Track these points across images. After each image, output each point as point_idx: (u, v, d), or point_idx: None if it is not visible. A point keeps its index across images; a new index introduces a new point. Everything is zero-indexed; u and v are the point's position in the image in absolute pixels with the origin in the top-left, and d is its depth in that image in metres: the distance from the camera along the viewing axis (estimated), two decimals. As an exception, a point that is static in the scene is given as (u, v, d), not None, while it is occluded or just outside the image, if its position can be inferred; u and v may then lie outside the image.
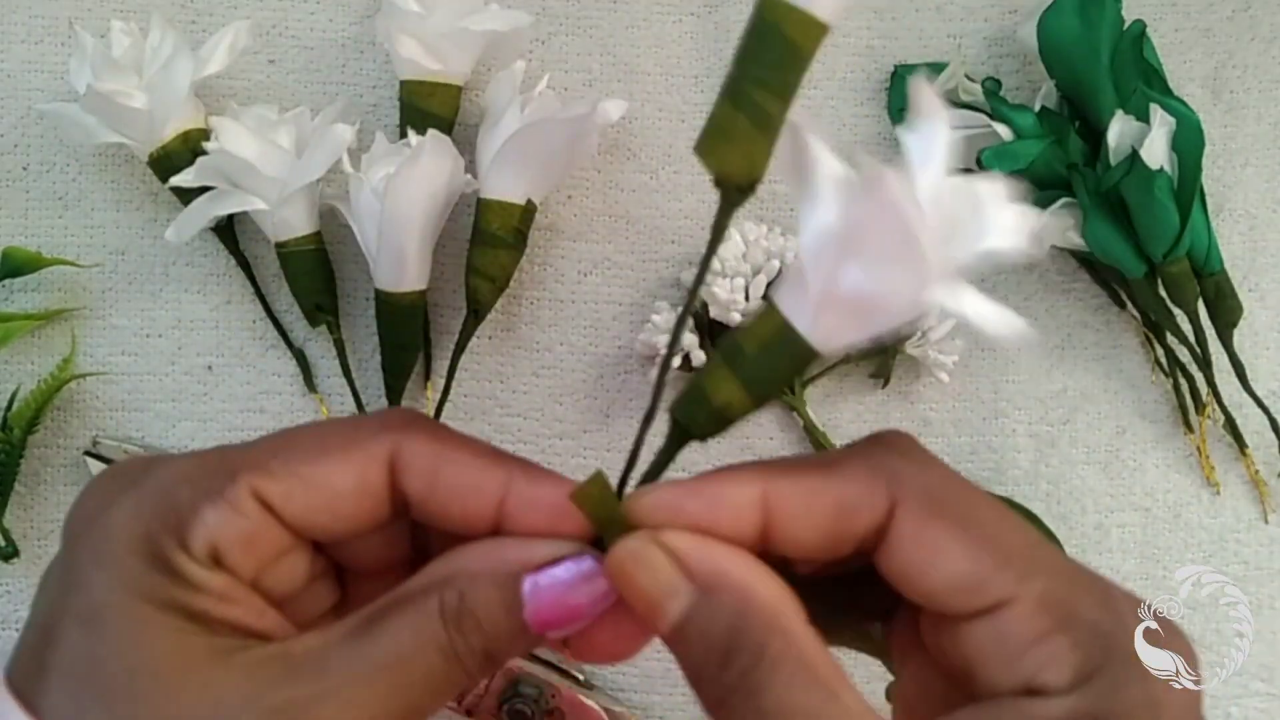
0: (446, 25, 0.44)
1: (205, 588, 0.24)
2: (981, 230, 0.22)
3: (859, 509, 0.25)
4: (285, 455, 0.25)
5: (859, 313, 0.23)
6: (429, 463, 0.26)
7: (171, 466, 0.25)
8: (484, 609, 0.25)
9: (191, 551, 0.24)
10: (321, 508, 0.25)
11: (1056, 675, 0.22)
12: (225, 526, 0.24)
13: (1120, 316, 0.50)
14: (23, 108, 0.47)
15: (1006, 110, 0.45)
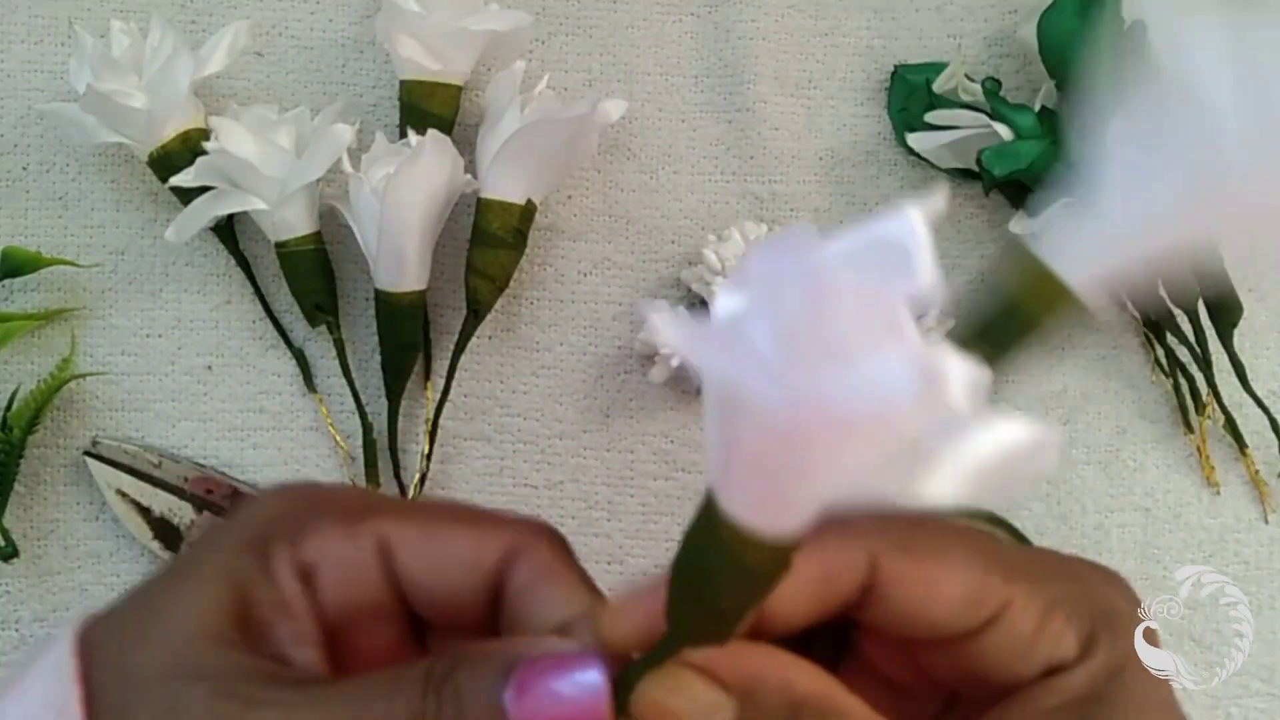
0: (446, 25, 0.44)
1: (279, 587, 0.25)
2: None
3: (842, 571, 0.25)
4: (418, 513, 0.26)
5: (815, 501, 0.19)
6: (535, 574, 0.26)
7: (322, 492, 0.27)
8: (467, 682, 0.23)
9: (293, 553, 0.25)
10: (433, 565, 0.26)
11: (1067, 650, 0.25)
12: (335, 551, 0.25)
13: (1120, 316, 0.50)
14: (23, 108, 0.47)
15: (1006, 110, 0.45)
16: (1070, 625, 0.25)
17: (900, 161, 0.49)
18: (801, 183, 0.49)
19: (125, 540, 0.47)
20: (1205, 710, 0.50)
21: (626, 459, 0.49)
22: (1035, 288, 0.22)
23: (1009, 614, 0.25)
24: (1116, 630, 0.25)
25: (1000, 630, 0.25)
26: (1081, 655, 0.25)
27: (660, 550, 0.49)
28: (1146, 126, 0.19)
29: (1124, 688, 0.24)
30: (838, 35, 0.49)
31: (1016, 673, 0.25)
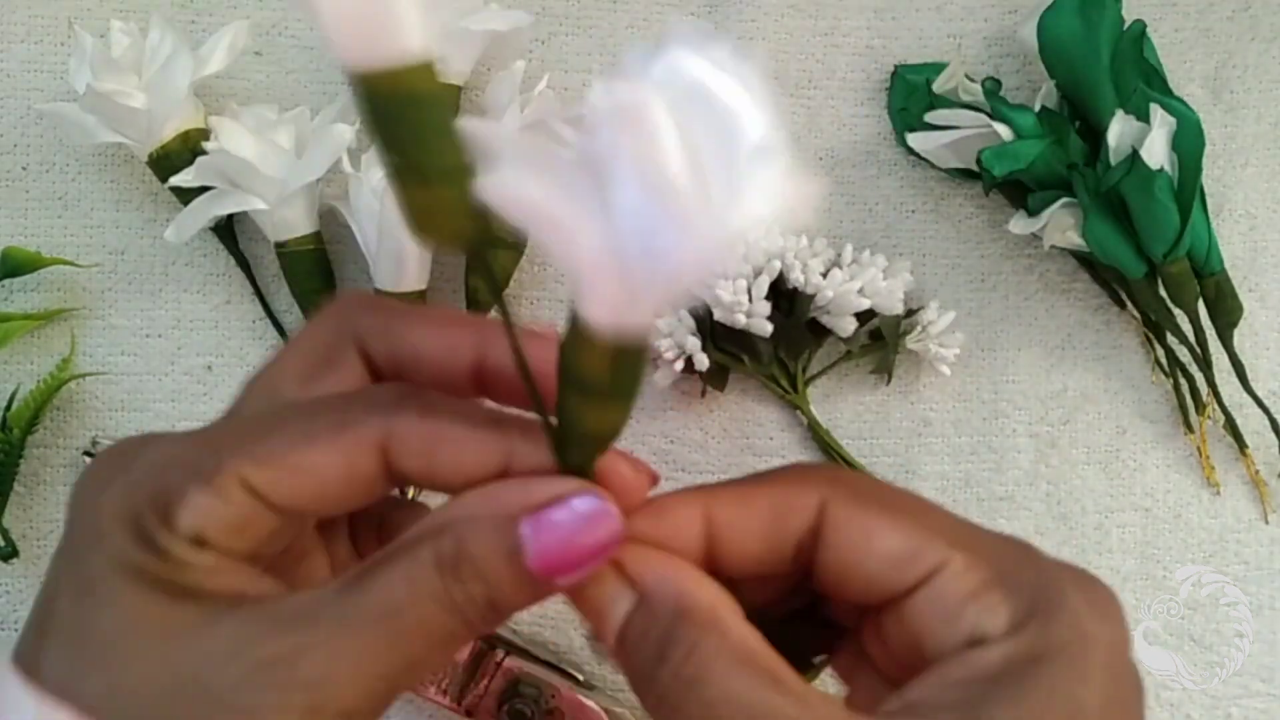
0: (446, 25, 0.44)
1: (191, 564, 0.24)
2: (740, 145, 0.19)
3: (792, 509, 0.25)
4: (272, 441, 0.24)
5: (673, 285, 0.20)
6: (424, 443, 0.25)
7: (161, 448, 0.25)
8: (483, 556, 0.24)
9: (177, 533, 0.24)
10: (309, 494, 0.25)
11: (994, 623, 0.24)
12: (211, 513, 0.24)
13: (1120, 316, 0.50)
14: (22, 107, 0.47)
15: (1006, 110, 0.45)
16: (1005, 602, 0.24)
17: (900, 161, 0.49)
18: (801, 183, 0.49)
19: (125, 540, 0.47)
20: (1205, 710, 0.50)
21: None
22: (581, 350, 0.22)
23: (942, 576, 0.24)
24: (1051, 618, 0.24)
25: (930, 592, 0.24)
26: (1009, 632, 0.24)
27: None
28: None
29: (1038, 677, 0.23)
30: (838, 35, 0.49)
31: (941, 639, 0.24)
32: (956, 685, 0.23)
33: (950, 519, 0.26)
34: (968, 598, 0.24)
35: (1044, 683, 0.23)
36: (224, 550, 0.24)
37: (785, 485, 0.26)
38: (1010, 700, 0.23)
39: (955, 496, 0.49)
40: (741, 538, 0.26)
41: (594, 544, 0.24)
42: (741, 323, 0.45)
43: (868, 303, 0.45)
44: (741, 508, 0.26)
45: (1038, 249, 0.49)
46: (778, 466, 0.27)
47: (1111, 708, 0.23)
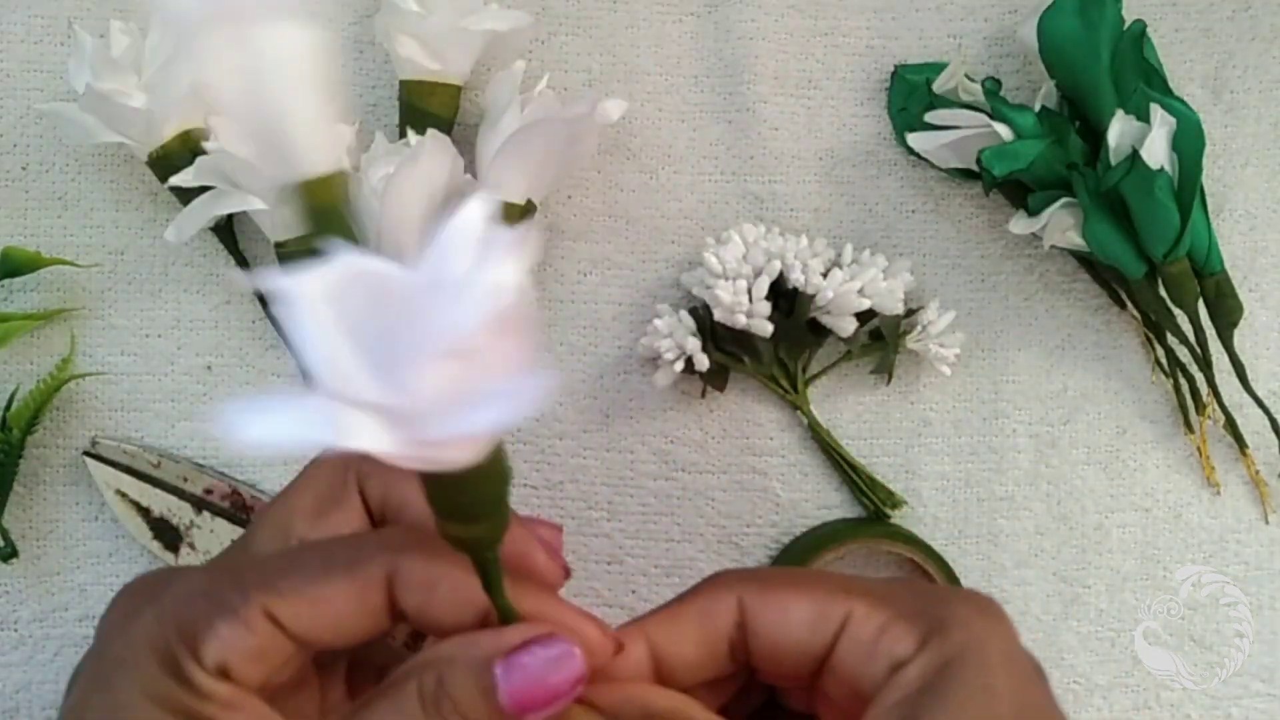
0: (446, 25, 0.44)
1: (213, 696, 0.26)
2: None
3: (717, 612, 0.29)
4: (294, 576, 0.27)
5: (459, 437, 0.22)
6: (424, 581, 0.28)
7: (190, 581, 0.28)
8: (461, 693, 0.26)
9: (203, 663, 0.26)
10: (326, 625, 0.27)
11: (905, 648, 0.27)
12: (237, 642, 0.26)
13: (1120, 316, 0.50)
14: (22, 107, 0.47)
15: (1006, 110, 0.45)
16: (909, 629, 0.28)
17: (900, 161, 0.49)
18: (801, 183, 0.49)
19: (124, 540, 0.47)
20: (1205, 710, 0.50)
21: (626, 459, 0.49)
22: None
23: (852, 623, 0.28)
24: (946, 630, 0.27)
25: (847, 639, 0.28)
26: (918, 650, 0.27)
27: (660, 550, 0.49)
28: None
29: (951, 677, 0.26)
30: (838, 35, 0.49)
31: (870, 676, 0.28)
32: (892, 708, 0.27)
33: (845, 578, 0.30)
34: (878, 635, 0.28)
35: (959, 682, 0.26)
36: (242, 679, 0.27)
37: (706, 594, 0.30)
38: (938, 706, 0.26)
39: (955, 496, 0.49)
40: (679, 650, 0.29)
41: (560, 683, 0.27)
42: (742, 323, 0.45)
43: (868, 303, 0.45)
44: (672, 624, 0.29)
45: (1038, 249, 0.49)
46: (698, 583, 0.30)
47: (1019, 688, 0.27)
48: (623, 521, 0.49)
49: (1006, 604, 0.49)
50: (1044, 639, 0.49)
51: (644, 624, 0.29)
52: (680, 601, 0.30)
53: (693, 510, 0.49)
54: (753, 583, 0.29)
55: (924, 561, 0.47)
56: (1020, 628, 0.49)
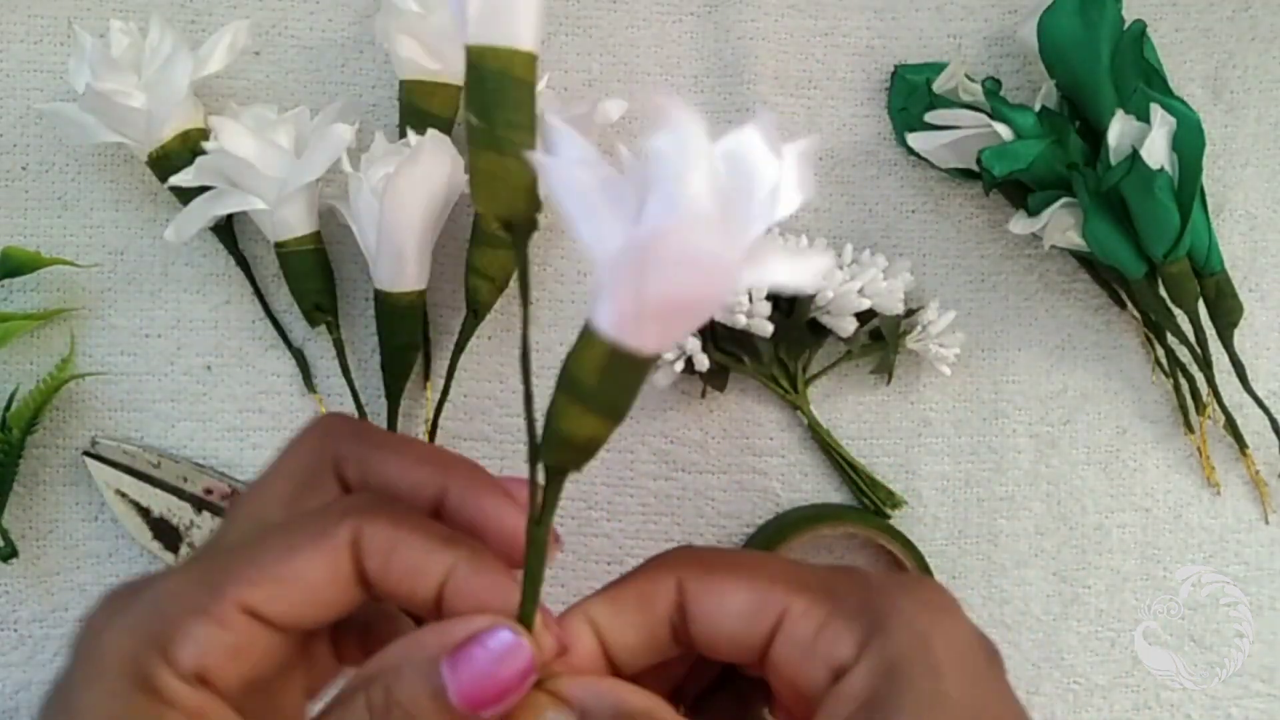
0: (446, 25, 0.44)
1: (179, 704, 0.25)
2: (762, 200, 0.22)
3: (656, 594, 0.28)
4: (261, 560, 0.26)
5: (678, 313, 0.24)
6: (385, 545, 0.27)
7: (160, 586, 0.26)
8: (410, 699, 0.25)
9: (179, 668, 0.25)
10: (303, 602, 0.26)
11: (844, 651, 0.26)
12: (212, 642, 0.25)
13: (1120, 316, 0.50)
14: (22, 107, 0.47)
15: (1007, 110, 0.45)
16: (848, 628, 0.26)
17: (900, 161, 0.49)
18: (801, 183, 0.49)
19: (124, 540, 0.47)
20: (1205, 710, 0.50)
21: (626, 459, 0.48)
22: (581, 349, 0.25)
23: (789, 620, 0.27)
24: (889, 630, 0.26)
25: (784, 636, 0.27)
26: (859, 654, 0.26)
27: (660, 550, 0.49)
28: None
29: (898, 686, 0.25)
30: (838, 35, 0.49)
31: (810, 678, 0.26)
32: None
33: (786, 565, 0.29)
34: (816, 634, 0.27)
35: (908, 693, 0.25)
36: (221, 684, 0.26)
37: (646, 575, 0.29)
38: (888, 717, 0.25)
39: (955, 496, 0.49)
40: (621, 634, 0.28)
41: (511, 675, 0.26)
42: (742, 323, 0.45)
43: (868, 303, 0.45)
44: (613, 606, 0.28)
45: (1038, 249, 0.49)
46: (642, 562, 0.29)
47: (971, 688, 0.26)
48: (623, 521, 0.49)
49: (1006, 604, 0.49)
50: (1044, 639, 0.49)
51: (584, 607, 0.28)
52: (620, 583, 0.29)
53: (693, 510, 0.49)
54: (695, 565, 0.29)
55: (891, 545, 0.47)
56: (1020, 628, 0.49)
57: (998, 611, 0.49)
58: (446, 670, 0.25)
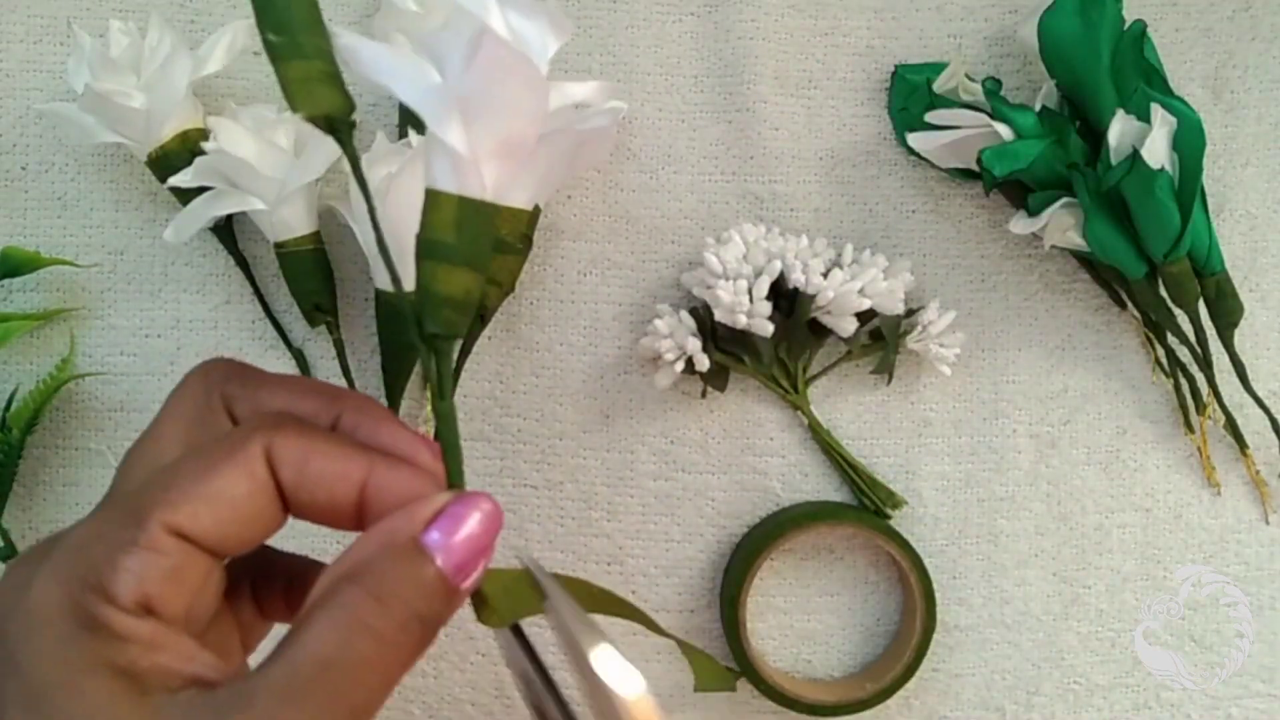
0: (446, 25, 0.44)
1: (133, 637, 0.24)
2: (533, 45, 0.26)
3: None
4: (181, 481, 0.26)
5: (511, 151, 0.26)
6: (297, 454, 0.27)
7: (78, 530, 0.26)
8: (399, 579, 0.26)
9: (120, 603, 0.24)
10: (229, 518, 0.26)
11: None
12: (150, 569, 0.25)
13: (1121, 317, 0.50)
14: (21, 107, 0.47)
15: (1007, 110, 0.45)
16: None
17: (900, 161, 0.49)
18: (801, 183, 0.49)
19: (124, 541, 0.47)
20: (1205, 710, 0.50)
21: (626, 459, 0.48)
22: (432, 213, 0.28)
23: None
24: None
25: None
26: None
27: (660, 550, 0.49)
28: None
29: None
30: (838, 35, 0.49)
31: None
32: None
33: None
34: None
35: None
36: (166, 612, 0.25)
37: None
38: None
39: (955, 497, 0.49)
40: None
41: (492, 537, 0.27)
42: (742, 323, 0.45)
43: (868, 303, 0.45)
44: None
45: (1038, 249, 0.49)
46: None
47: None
48: (622, 521, 0.49)
49: (1006, 604, 0.49)
50: (1044, 639, 0.49)
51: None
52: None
53: (693, 510, 0.49)
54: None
55: (889, 546, 0.47)
56: (1020, 628, 0.49)
57: (998, 611, 0.49)
58: (431, 543, 0.26)
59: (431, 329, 0.27)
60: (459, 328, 0.27)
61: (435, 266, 0.27)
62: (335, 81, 0.26)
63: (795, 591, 0.49)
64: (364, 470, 0.27)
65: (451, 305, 0.27)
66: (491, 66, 0.25)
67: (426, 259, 0.27)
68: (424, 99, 0.25)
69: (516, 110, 0.26)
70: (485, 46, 0.25)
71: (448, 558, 0.26)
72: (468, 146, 0.26)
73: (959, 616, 0.49)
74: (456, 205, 0.26)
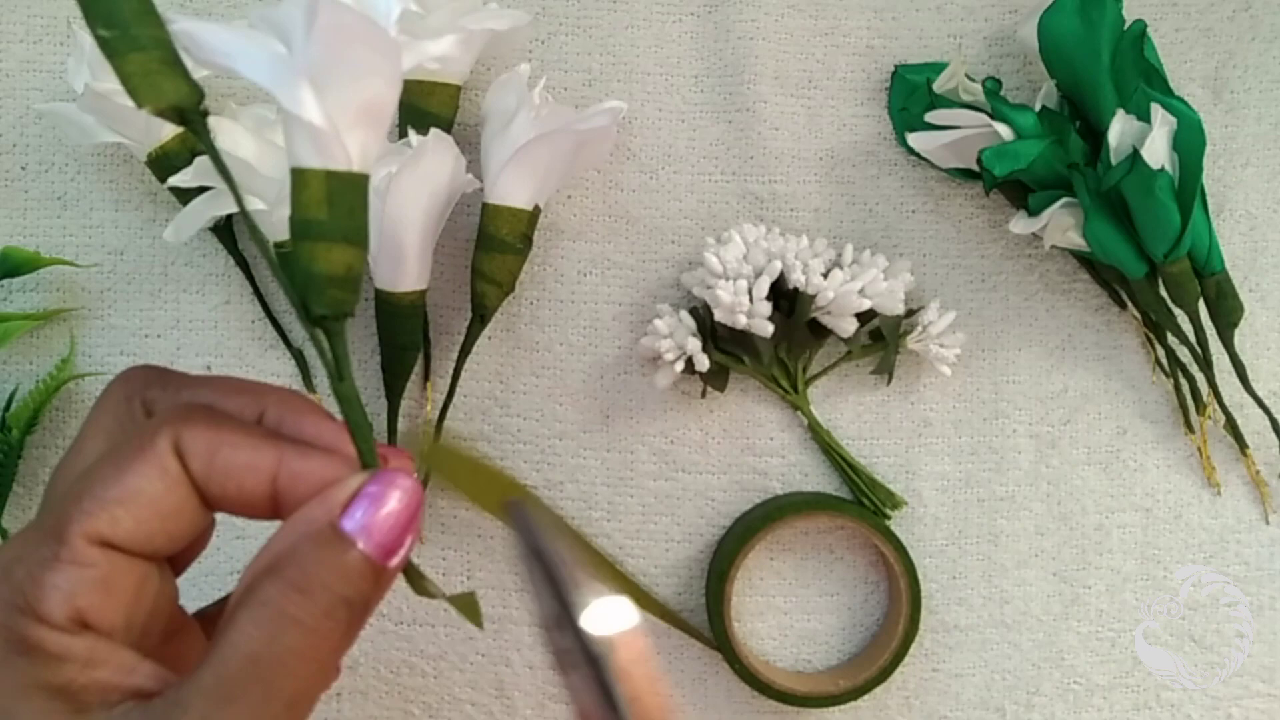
0: (446, 25, 0.44)
1: (68, 655, 0.24)
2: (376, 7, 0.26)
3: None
4: (92, 490, 0.25)
5: (372, 117, 0.25)
6: (205, 446, 0.26)
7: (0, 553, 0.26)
8: (320, 566, 0.25)
9: (51, 621, 0.24)
10: (148, 517, 0.26)
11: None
12: (76, 582, 0.24)
13: (1120, 316, 0.50)
14: (21, 107, 0.47)
15: (1007, 110, 0.45)
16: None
17: (900, 161, 0.49)
18: (801, 183, 0.49)
19: (124, 541, 0.47)
20: (1205, 710, 0.50)
21: (626, 459, 0.48)
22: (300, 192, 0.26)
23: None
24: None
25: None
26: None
27: (660, 550, 0.49)
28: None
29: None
30: (838, 35, 0.49)
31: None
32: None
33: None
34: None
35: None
36: (102, 624, 0.25)
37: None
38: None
39: (955, 497, 0.49)
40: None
41: (414, 513, 0.27)
42: (742, 323, 0.45)
43: (868, 303, 0.45)
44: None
45: (1038, 249, 0.49)
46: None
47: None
48: (622, 521, 0.49)
49: (1006, 604, 0.49)
50: (1044, 639, 0.49)
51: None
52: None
53: (693, 510, 0.49)
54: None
55: (884, 545, 0.47)
56: (1020, 628, 0.49)
57: (998, 611, 0.49)
58: (350, 525, 0.26)
59: (319, 310, 0.26)
60: (347, 305, 0.26)
61: (312, 246, 0.26)
62: (177, 70, 0.25)
63: (796, 591, 0.49)
64: (274, 459, 0.27)
65: (335, 283, 0.26)
66: (333, 33, 0.24)
67: (302, 240, 0.26)
68: (270, 75, 0.24)
69: (368, 75, 0.25)
70: (322, 12, 0.24)
71: (369, 538, 0.26)
72: (324, 118, 0.25)
73: (959, 616, 0.49)
74: (324, 180, 0.25)
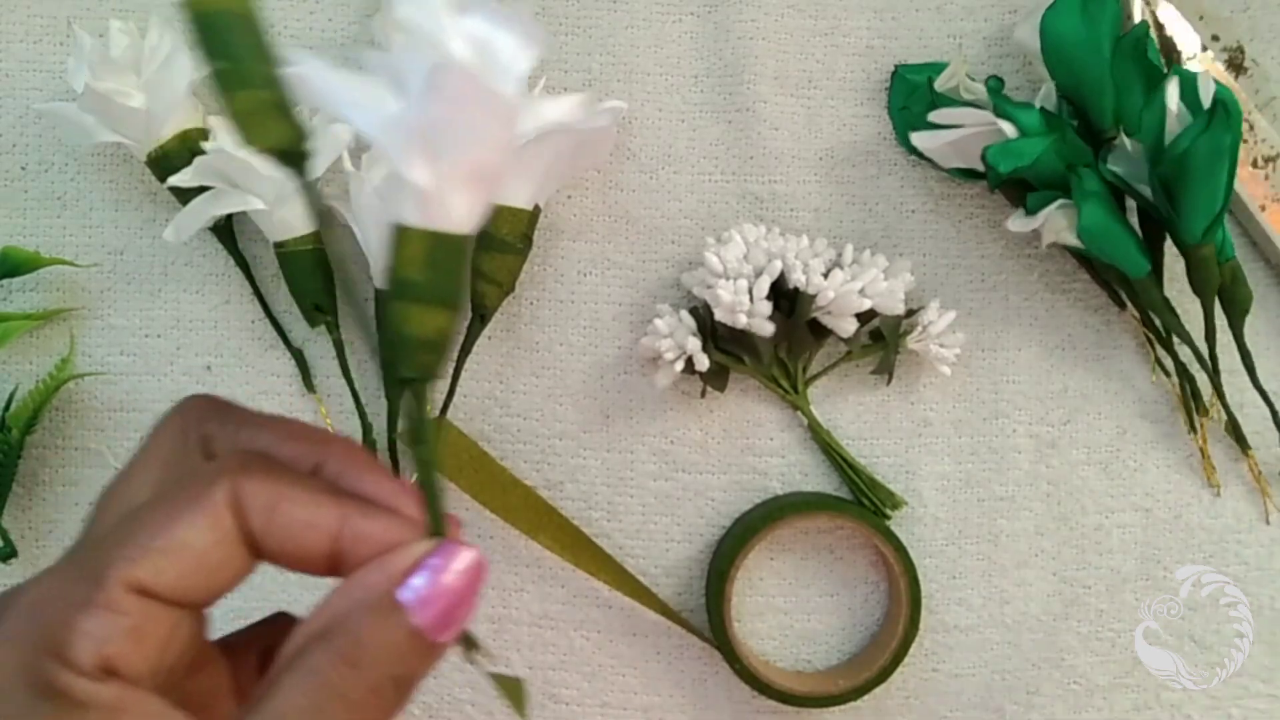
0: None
1: (94, 703, 0.23)
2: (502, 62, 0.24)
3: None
4: (140, 535, 0.25)
5: (479, 179, 0.24)
6: (267, 500, 0.26)
7: (34, 592, 0.25)
8: (373, 639, 0.25)
9: (79, 668, 0.23)
10: (192, 570, 0.25)
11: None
12: (108, 630, 0.24)
13: (1120, 316, 0.50)
14: (21, 107, 0.47)
15: (1011, 107, 0.45)
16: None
17: (900, 161, 0.49)
18: (801, 183, 0.49)
19: (124, 541, 0.47)
20: (1205, 710, 0.50)
21: (626, 459, 0.48)
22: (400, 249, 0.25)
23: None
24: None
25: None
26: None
27: (660, 550, 0.49)
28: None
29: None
30: (838, 35, 0.49)
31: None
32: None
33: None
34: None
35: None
36: (130, 672, 0.24)
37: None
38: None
39: (955, 497, 0.49)
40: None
41: (473, 590, 0.26)
42: (742, 323, 0.45)
43: (868, 303, 0.45)
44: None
45: (1037, 249, 0.49)
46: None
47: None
48: (622, 521, 0.49)
49: (1006, 604, 0.49)
50: (1044, 639, 0.49)
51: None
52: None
53: (693, 510, 0.49)
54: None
55: (884, 546, 0.47)
56: (1020, 628, 0.49)
57: (998, 611, 0.49)
58: (406, 597, 0.25)
59: (406, 374, 0.25)
60: (434, 369, 0.26)
61: (407, 308, 0.25)
62: (285, 111, 0.24)
63: (796, 591, 0.49)
64: (337, 518, 0.26)
65: (425, 347, 0.25)
66: (454, 98, 0.23)
67: (396, 300, 0.25)
68: (383, 131, 0.24)
69: (483, 141, 0.24)
70: (446, 75, 0.23)
71: (425, 613, 0.25)
72: (433, 180, 0.24)
73: (959, 616, 0.49)
74: (425, 240, 0.24)
